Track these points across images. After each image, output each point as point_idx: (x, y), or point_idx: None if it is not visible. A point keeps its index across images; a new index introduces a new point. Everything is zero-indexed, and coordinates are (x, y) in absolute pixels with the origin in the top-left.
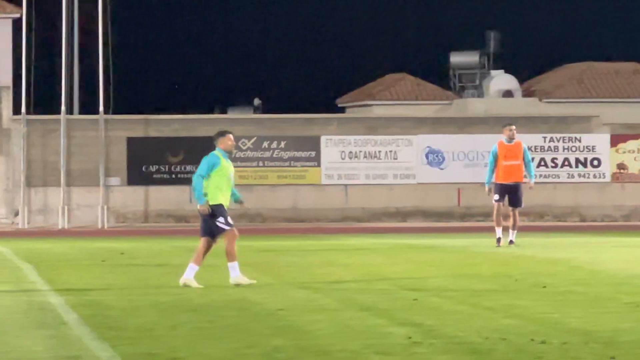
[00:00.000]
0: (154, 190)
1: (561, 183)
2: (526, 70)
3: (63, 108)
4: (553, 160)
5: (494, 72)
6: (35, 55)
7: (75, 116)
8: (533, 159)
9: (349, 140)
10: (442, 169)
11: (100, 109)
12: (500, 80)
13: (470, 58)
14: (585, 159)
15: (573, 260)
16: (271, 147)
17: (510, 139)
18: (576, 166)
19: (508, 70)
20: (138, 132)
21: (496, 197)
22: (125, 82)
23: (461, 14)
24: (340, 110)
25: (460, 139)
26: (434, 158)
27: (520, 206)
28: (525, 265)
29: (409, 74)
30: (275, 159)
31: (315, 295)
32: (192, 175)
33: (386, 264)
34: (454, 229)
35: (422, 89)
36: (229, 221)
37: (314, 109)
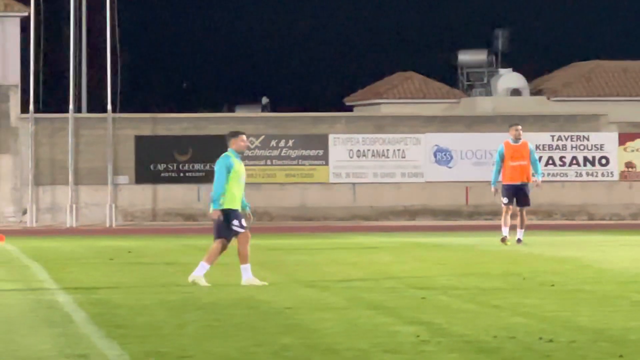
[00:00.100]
0: (162, 188)
1: (569, 181)
2: (534, 68)
3: (71, 106)
4: (561, 158)
5: (502, 71)
6: (43, 54)
7: (83, 115)
8: (541, 158)
9: (357, 139)
10: (450, 168)
11: (109, 107)
12: (509, 78)
13: (478, 56)
14: (594, 158)
15: (581, 258)
16: (279, 146)
17: (517, 139)
18: (584, 165)
19: (516, 69)
20: (146, 131)
21: (505, 201)
22: (134, 81)
23: (469, 12)
24: (348, 108)
25: (468, 138)
26: (442, 156)
27: (528, 205)
28: (533, 264)
29: (417, 72)
30: (283, 158)
31: (323, 293)
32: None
33: (394, 262)
34: (462, 227)
35: (430, 87)
36: (243, 224)
37: (321, 108)
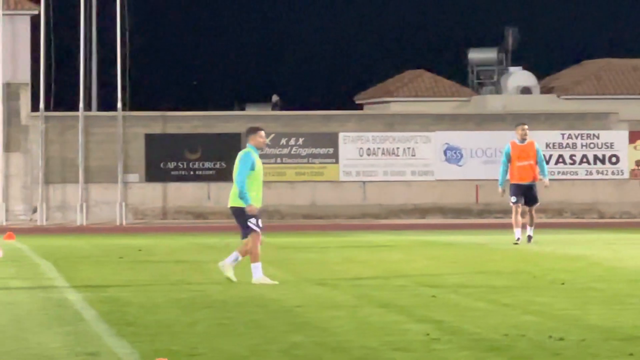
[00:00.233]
0: (172, 187)
1: (579, 180)
2: (544, 66)
3: (81, 105)
4: (571, 156)
5: (512, 69)
6: (54, 52)
7: (93, 113)
8: (551, 156)
9: (367, 137)
10: (460, 166)
11: (119, 105)
12: (519, 76)
13: (488, 54)
14: (604, 156)
15: (592, 257)
16: (289, 144)
17: (523, 139)
18: (594, 163)
19: (526, 67)
20: (156, 129)
21: (513, 199)
22: (144, 79)
23: (479, 10)
24: (358, 107)
25: (478, 136)
26: (452, 155)
27: (536, 203)
28: (543, 262)
29: (427, 70)
30: (294, 156)
31: (334, 291)
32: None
33: (404, 260)
34: (472, 225)
35: (440, 85)
36: (260, 224)
37: (332, 106)
